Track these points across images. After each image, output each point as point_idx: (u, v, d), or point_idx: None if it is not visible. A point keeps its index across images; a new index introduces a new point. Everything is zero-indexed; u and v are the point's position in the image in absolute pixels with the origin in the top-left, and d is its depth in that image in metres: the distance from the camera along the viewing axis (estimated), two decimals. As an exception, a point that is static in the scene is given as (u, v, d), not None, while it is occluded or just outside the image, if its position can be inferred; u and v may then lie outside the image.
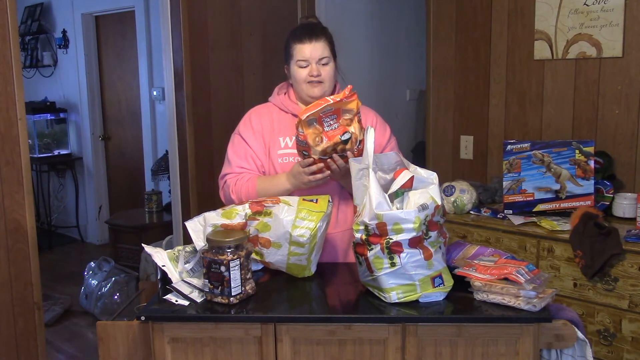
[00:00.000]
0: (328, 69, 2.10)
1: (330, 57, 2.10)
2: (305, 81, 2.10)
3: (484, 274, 1.71)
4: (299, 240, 1.85)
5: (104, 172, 6.15)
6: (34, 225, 2.74)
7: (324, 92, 2.11)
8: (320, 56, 2.08)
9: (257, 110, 2.24)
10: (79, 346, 3.90)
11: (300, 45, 2.08)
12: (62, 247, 6.08)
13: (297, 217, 1.87)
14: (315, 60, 2.08)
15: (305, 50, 2.08)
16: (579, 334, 1.71)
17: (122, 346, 1.79)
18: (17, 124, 2.64)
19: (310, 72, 2.08)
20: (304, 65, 2.09)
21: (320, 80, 2.09)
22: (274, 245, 1.89)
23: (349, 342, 1.69)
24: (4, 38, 2.57)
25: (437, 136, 3.64)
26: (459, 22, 3.47)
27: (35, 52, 6.27)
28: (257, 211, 1.88)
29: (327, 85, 2.11)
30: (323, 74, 2.09)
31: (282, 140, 2.15)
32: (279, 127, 2.17)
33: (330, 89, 2.14)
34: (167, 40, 3.44)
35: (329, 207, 1.91)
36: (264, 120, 2.18)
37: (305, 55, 2.08)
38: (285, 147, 2.14)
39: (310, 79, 2.09)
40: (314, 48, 2.07)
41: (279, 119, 2.18)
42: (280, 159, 2.13)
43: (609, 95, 2.98)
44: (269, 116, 2.19)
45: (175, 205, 3.63)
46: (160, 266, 1.85)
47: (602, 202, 2.85)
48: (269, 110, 2.21)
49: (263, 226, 1.89)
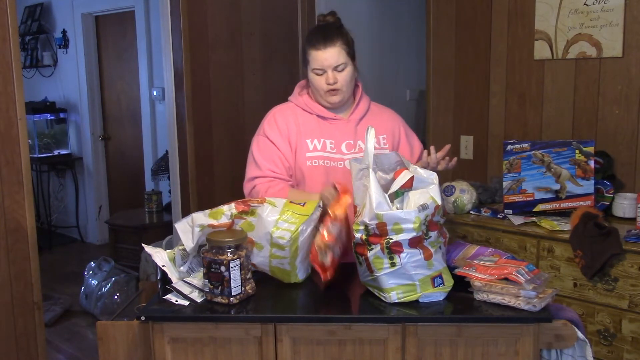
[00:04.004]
0: (345, 74, 2.06)
1: (346, 63, 2.05)
2: (323, 90, 2.07)
3: (484, 274, 1.71)
4: (279, 242, 1.81)
5: (104, 172, 6.15)
6: (34, 225, 2.74)
7: (342, 99, 2.09)
8: (336, 63, 2.03)
9: (281, 110, 2.18)
10: (79, 346, 3.90)
11: (315, 52, 2.04)
12: (62, 247, 6.08)
13: (280, 219, 1.83)
14: (331, 68, 2.03)
15: (319, 57, 2.03)
16: (579, 334, 1.71)
17: (122, 346, 1.79)
18: (17, 124, 2.64)
19: (326, 80, 2.05)
20: (319, 73, 2.06)
21: (337, 88, 2.06)
22: (256, 245, 1.86)
23: (349, 342, 1.69)
24: (4, 38, 2.57)
25: (437, 136, 3.64)
26: (459, 22, 3.47)
27: (35, 52, 6.27)
28: (243, 211, 1.85)
29: (345, 91, 2.08)
30: (340, 80, 2.05)
31: (310, 142, 2.11)
32: (305, 128, 2.12)
33: (348, 94, 2.11)
34: (167, 40, 3.44)
35: (315, 212, 1.86)
36: (290, 121, 2.13)
37: (320, 63, 2.03)
38: (314, 150, 2.10)
39: (327, 87, 2.05)
40: (328, 55, 2.02)
41: (304, 120, 2.13)
42: (309, 161, 2.09)
43: (609, 95, 2.98)
44: (294, 117, 2.14)
45: (175, 205, 3.63)
46: (160, 266, 1.85)
47: (602, 202, 2.85)
48: (293, 110, 2.16)
49: (248, 225, 1.85)
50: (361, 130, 2.13)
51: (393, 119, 2.22)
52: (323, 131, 2.12)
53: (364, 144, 2.05)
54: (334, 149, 2.11)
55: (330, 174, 2.09)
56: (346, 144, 2.12)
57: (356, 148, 2.12)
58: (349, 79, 2.07)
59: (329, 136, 2.12)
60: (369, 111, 2.20)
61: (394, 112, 2.27)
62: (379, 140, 2.16)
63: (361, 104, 2.18)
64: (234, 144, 3.62)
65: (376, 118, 2.18)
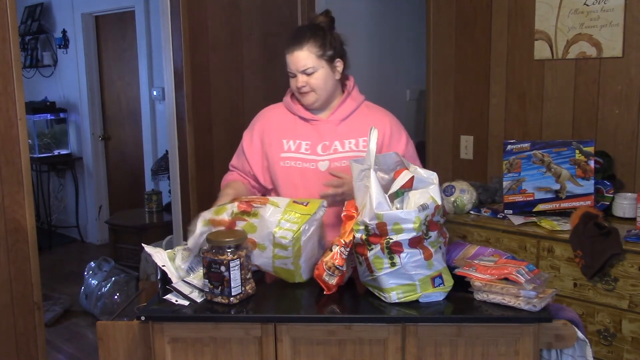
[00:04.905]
0: (315, 78, 2.04)
1: (316, 66, 2.03)
2: (296, 91, 2.10)
3: (484, 274, 1.71)
4: (282, 242, 1.81)
5: (104, 172, 6.15)
6: (34, 225, 2.74)
7: (317, 100, 2.08)
8: (303, 67, 2.03)
9: (267, 109, 2.25)
10: (79, 346, 3.90)
11: (287, 55, 2.06)
12: (62, 247, 6.08)
13: (282, 219, 1.83)
14: (299, 72, 2.05)
15: (289, 61, 2.06)
16: (579, 334, 1.71)
17: (122, 346, 1.79)
18: (17, 124, 2.64)
19: (296, 82, 2.06)
20: (292, 75, 2.08)
21: (306, 91, 2.07)
22: (259, 246, 1.86)
23: (349, 342, 1.69)
24: (4, 38, 2.57)
25: (437, 136, 3.64)
26: (459, 22, 3.47)
27: (35, 52, 6.27)
28: (245, 211, 1.86)
29: (319, 93, 2.07)
30: (310, 84, 2.05)
31: (286, 143, 2.12)
32: (284, 129, 2.14)
33: (325, 95, 2.09)
34: (167, 40, 3.44)
35: (319, 211, 1.86)
36: (272, 121, 2.17)
37: (290, 66, 2.06)
38: (288, 151, 2.11)
39: (297, 89, 2.08)
40: (296, 59, 2.04)
41: (285, 121, 2.15)
42: (282, 162, 2.10)
43: (609, 95, 2.98)
44: (277, 117, 2.17)
45: (175, 205, 3.63)
46: (160, 266, 1.85)
47: (602, 202, 2.85)
48: (278, 110, 2.20)
49: (249, 227, 1.86)
50: (341, 132, 2.10)
51: (380, 121, 2.13)
52: (301, 132, 2.12)
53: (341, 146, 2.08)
54: (309, 150, 2.10)
55: (304, 175, 2.08)
56: (322, 145, 2.10)
57: (331, 149, 2.09)
58: (322, 81, 2.06)
59: (306, 137, 2.11)
60: (355, 112, 2.14)
61: (387, 114, 2.19)
62: (358, 143, 2.10)
63: (345, 104, 2.14)
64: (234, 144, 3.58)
65: (360, 120, 2.13)
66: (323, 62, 2.05)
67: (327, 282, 1.78)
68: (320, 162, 2.07)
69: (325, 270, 1.78)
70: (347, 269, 1.80)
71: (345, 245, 1.76)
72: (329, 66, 2.07)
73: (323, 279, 1.79)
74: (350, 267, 1.83)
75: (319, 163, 2.07)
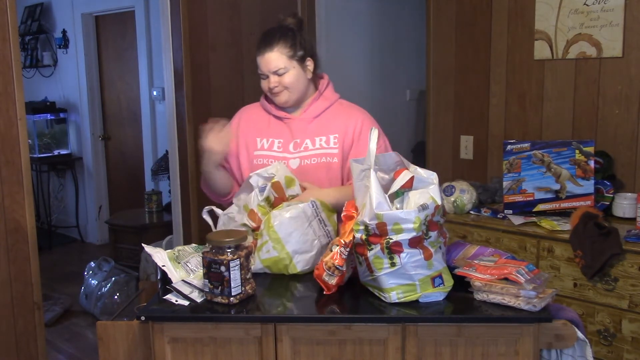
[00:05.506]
0: (286, 78, 2.09)
1: (287, 67, 2.08)
2: (267, 92, 2.15)
3: (484, 274, 1.71)
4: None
5: (104, 172, 6.15)
6: (34, 225, 2.74)
7: (289, 99, 2.13)
8: (275, 68, 2.08)
9: (245, 108, 2.30)
10: (79, 346, 3.90)
11: (258, 58, 2.12)
12: (62, 247, 6.08)
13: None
14: (271, 73, 2.09)
15: (260, 62, 2.11)
16: (579, 334, 1.71)
17: (122, 346, 1.79)
18: (17, 124, 2.64)
19: (268, 83, 2.11)
20: (263, 77, 2.13)
21: (278, 91, 2.11)
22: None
23: (349, 342, 1.69)
24: (4, 38, 2.57)
25: (437, 136, 3.64)
26: (459, 22, 3.47)
27: (35, 52, 6.27)
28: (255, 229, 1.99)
29: (291, 92, 2.12)
30: (282, 84, 2.10)
31: (260, 141, 2.17)
32: (258, 127, 2.20)
33: (297, 94, 2.13)
34: (167, 40, 3.44)
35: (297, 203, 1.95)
36: (249, 119, 2.23)
37: (261, 68, 2.11)
38: (261, 149, 2.16)
39: (269, 90, 2.12)
40: (266, 61, 2.09)
41: (260, 119, 2.21)
42: (255, 160, 2.15)
43: (609, 95, 2.98)
44: (254, 116, 2.23)
45: (175, 205, 3.63)
46: (160, 266, 1.85)
47: (602, 202, 2.85)
48: (254, 110, 2.26)
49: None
50: (313, 129, 2.15)
51: (352, 117, 2.16)
52: (274, 130, 2.17)
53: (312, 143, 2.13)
54: (281, 147, 2.15)
55: None
56: (293, 143, 2.15)
57: (302, 147, 2.13)
58: (294, 81, 2.10)
59: (278, 135, 2.16)
60: (328, 110, 2.17)
61: (360, 111, 2.20)
62: (329, 140, 2.14)
63: (317, 103, 2.18)
64: (234, 144, 3.61)
65: (332, 117, 2.16)
66: (294, 62, 2.10)
67: (327, 282, 1.79)
68: (292, 159, 2.12)
69: (325, 270, 1.78)
70: (347, 269, 1.80)
71: (345, 245, 1.77)
72: (300, 66, 2.12)
73: (323, 279, 1.79)
74: (350, 267, 1.83)
75: (290, 161, 2.12)
